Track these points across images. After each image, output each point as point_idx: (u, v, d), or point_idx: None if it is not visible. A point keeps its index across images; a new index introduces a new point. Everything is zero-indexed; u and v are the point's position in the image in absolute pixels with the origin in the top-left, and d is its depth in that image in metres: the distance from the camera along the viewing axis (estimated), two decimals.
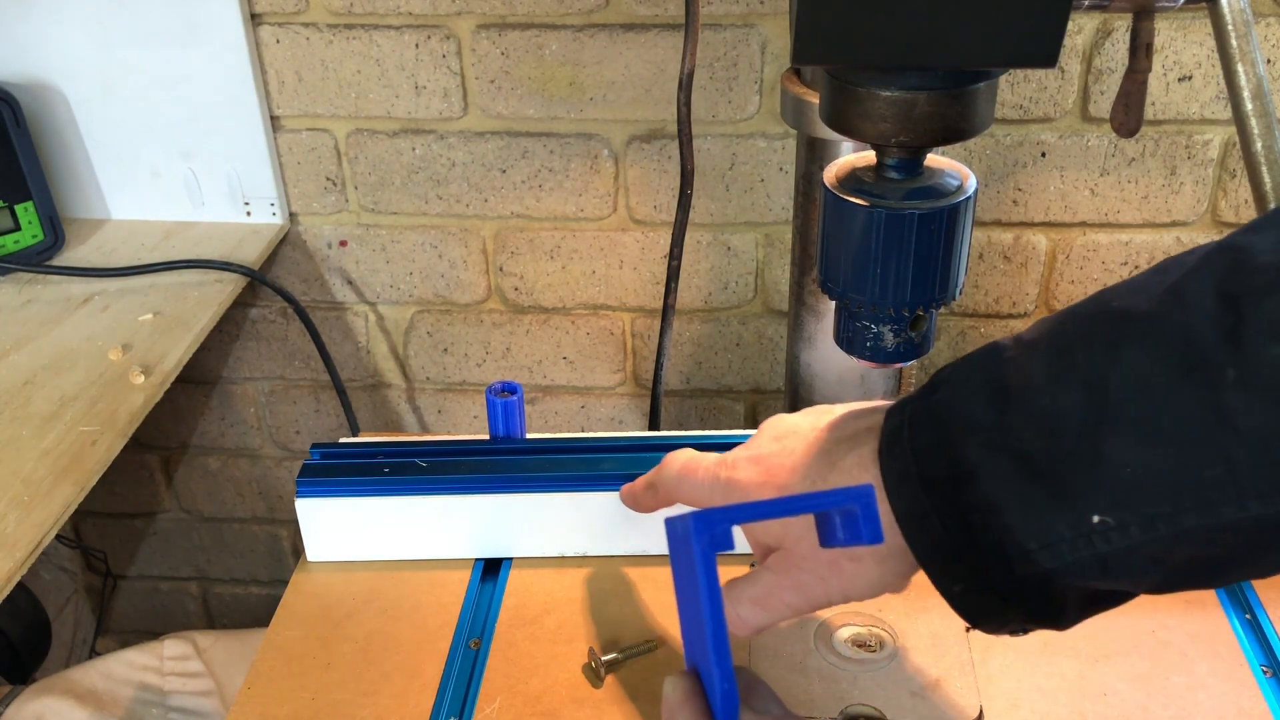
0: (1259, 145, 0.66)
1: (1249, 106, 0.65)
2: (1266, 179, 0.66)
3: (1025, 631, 0.47)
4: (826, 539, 0.44)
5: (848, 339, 0.64)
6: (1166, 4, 0.63)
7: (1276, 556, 0.41)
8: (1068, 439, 0.41)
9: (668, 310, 1.01)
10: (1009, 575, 0.43)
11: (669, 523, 0.44)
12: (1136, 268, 1.14)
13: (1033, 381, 0.42)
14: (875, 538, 0.41)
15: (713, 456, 0.58)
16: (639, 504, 0.67)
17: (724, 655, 0.41)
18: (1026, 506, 0.42)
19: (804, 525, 0.50)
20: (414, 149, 1.14)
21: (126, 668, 1.10)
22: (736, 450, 0.57)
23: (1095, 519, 0.40)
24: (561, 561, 0.76)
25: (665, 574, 0.74)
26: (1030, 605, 0.44)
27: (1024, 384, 0.42)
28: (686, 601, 0.44)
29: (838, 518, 0.43)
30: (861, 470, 0.48)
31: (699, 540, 0.40)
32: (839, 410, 0.54)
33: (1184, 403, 0.39)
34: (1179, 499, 0.39)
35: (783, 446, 0.54)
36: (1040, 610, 0.45)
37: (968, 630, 0.68)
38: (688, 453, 0.60)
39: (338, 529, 0.75)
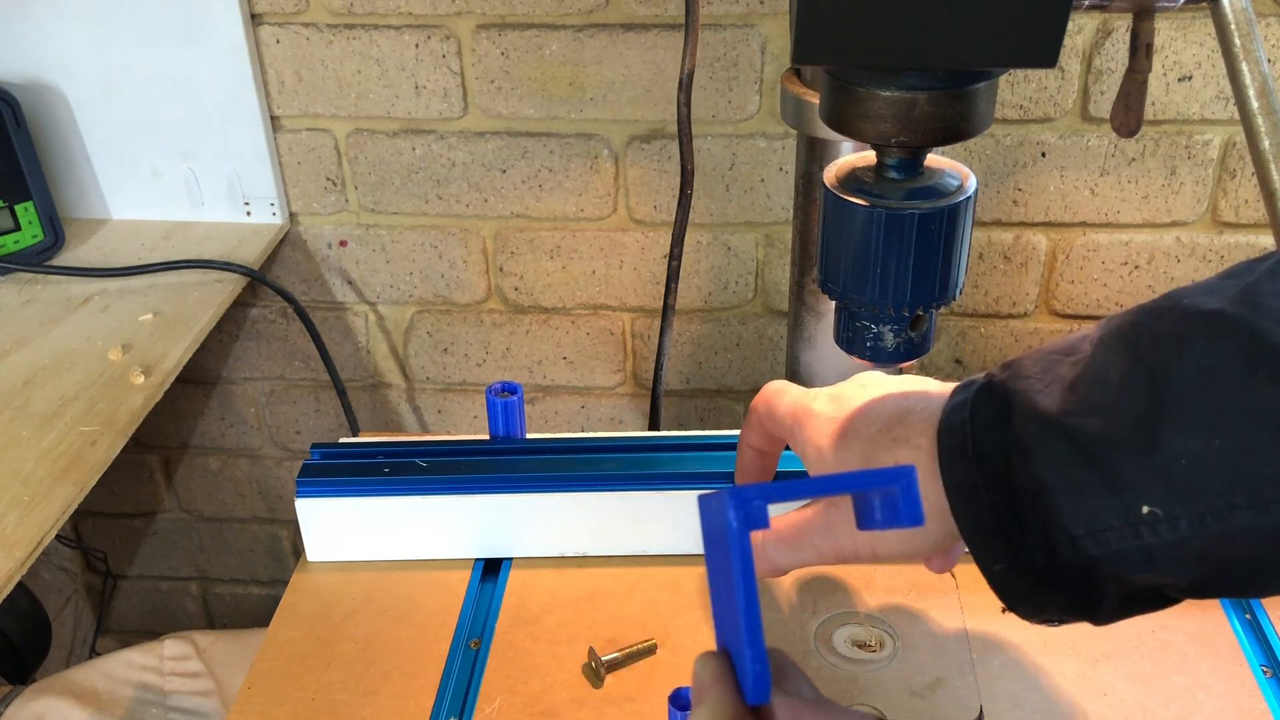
0: (1266, 143, 0.65)
1: (1255, 104, 0.65)
2: (1275, 176, 0.66)
3: (1059, 622, 0.46)
4: (864, 520, 0.44)
5: (848, 339, 0.64)
6: (1166, 4, 0.63)
7: None
8: (1126, 427, 0.41)
9: (668, 310, 1.01)
10: (1052, 559, 0.43)
11: (702, 500, 0.43)
12: (1137, 268, 1.14)
13: (1097, 371, 0.42)
14: (915, 520, 0.41)
15: (796, 390, 0.59)
16: (747, 466, 0.64)
17: (756, 636, 0.40)
18: (1077, 491, 0.42)
19: (852, 467, 0.50)
20: (414, 149, 1.14)
21: (126, 668, 1.11)
22: (825, 388, 0.58)
23: (1145, 509, 0.40)
24: (561, 561, 0.76)
25: (665, 574, 0.74)
26: (1069, 593, 0.44)
27: (1088, 373, 0.43)
28: (718, 580, 0.43)
29: (876, 499, 0.43)
30: (921, 435, 0.48)
31: (735, 518, 0.39)
32: (924, 380, 0.55)
33: (1245, 399, 0.39)
34: (1233, 495, 0.39)
35: (864, 391, 0.54)
36: (1078, 600, 0.45)
37: (968, 630, 0.68)
38: (776, 383, 0.61)
39: (338, 529, 0.75)
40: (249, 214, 1.17)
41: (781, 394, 0.59)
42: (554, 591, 0.73)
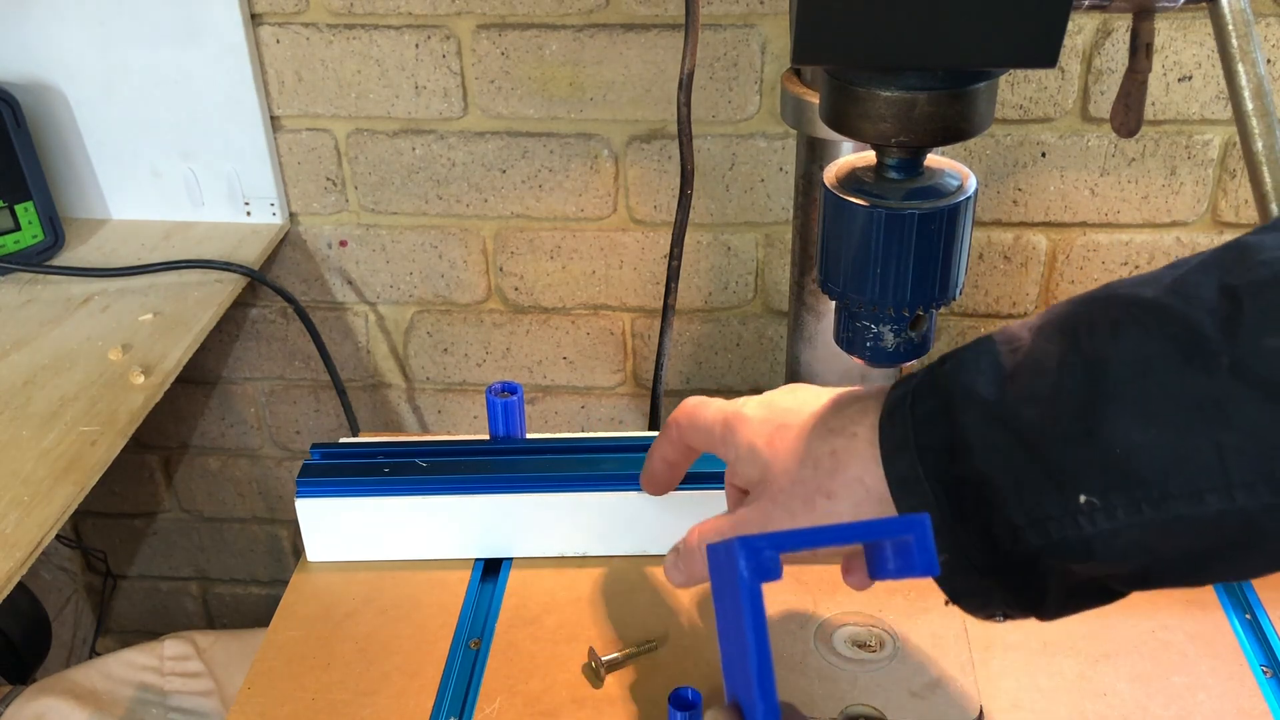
0: (1259, 145, 0.66)
1: (1249, 106, 0.65)
2: (1267, 178, 0.66)
3: (1005, 618, 0.47)
4: (877, 569, 0.43)
5: (848, 339, 0.64)
6: (1166, 4, 0.63)
7: (1260, 556, 0.41)
8: (1065, 416, 0.41)
9: (668, 310, 1.01)
10: (994, 551, 0.43)
11: (711, 549, 0.42)
12: (1137, 268, 1.13)
13: (1036, 360, 0.42)
14: (930, 570, 0.40)
15: (720, 401, 0.59)
16: (654, 475, 0.66)
17: (769, 690, 0.39)
18: (1017, 483, 0.42)
19: (787, 458, 0.51)
20: (414, 149, 1.14)
21: (126, 668, 1.11)
22: (753, 396, 0.58)
23: (1083, 499, 0.40)
24: (561, 561, 0.76)
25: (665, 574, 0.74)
26: (1012, 586, 0.45)
27: (1027, 363, 0.43)
28: (728, 629, 0.42)
29: (889, 547, 0.42)
30: (858, 424, 0.49)
31: (745, 567, 0.39)
32: (854, 388, 0.55)
33: (1179, 388, 0.39)
34: (1166, 484, 0.39)
35: (795, 398, 0.55)
36: (1022, 594, 0.45)
37: (967, 630, 0.68)
38: (696, 397, 0.61)
39: (338, 529, 0.75)
40: (249, 214, 1.17)
41: (705, 405, 0.60)
42: (554, 591, 0.73)
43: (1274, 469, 0.38)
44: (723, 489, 0.63)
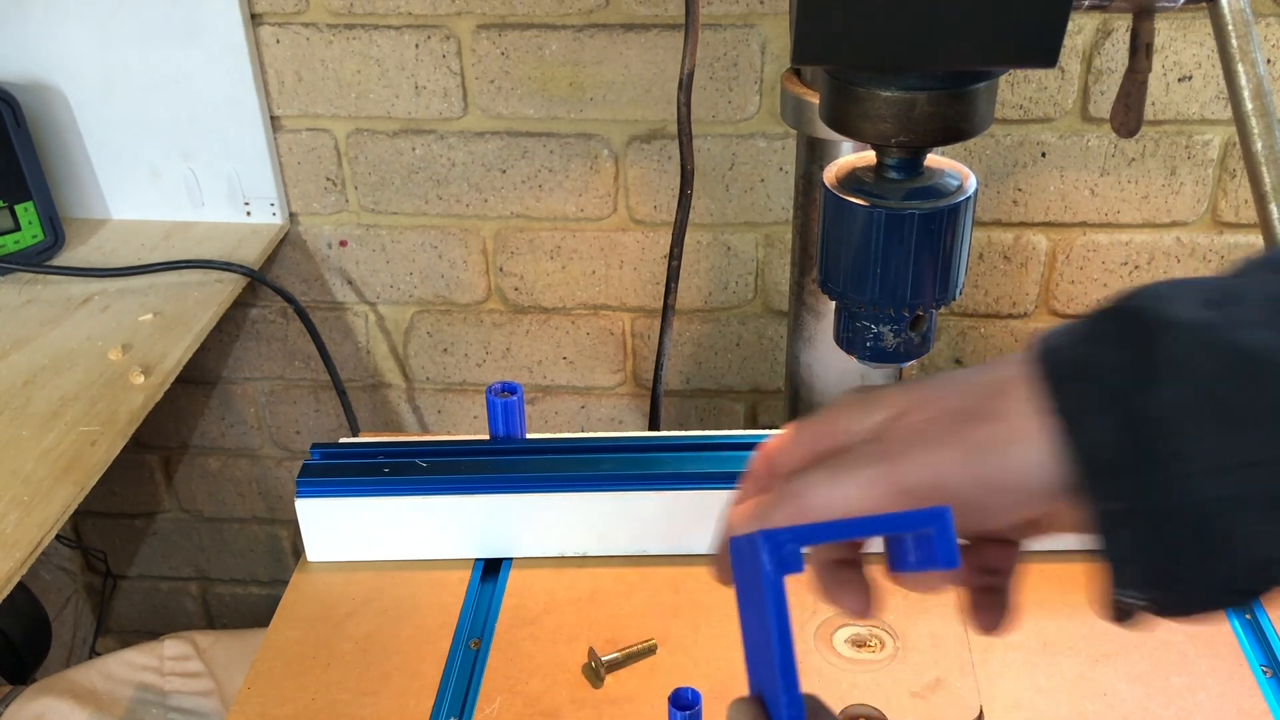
0: (1259, 145, 0.66)
1: (1249, 106, 0.65)
2: (1266, 178, 0.66)
3: (1137, 610, 0.39)
4: (897, 562, 0.41)
5: (848, 339, 0.64)
6: (1166, 4, 0.63)
7: None
8: (1272, 366, 0.35)
9: (668, 310, 1.01)
10: (1169, 497, 0.36)
11: (734, 542, 0.41)
12: (1137, 268, 1.14)
13: (1244, 288, 0.37)
14: (950, 562, 0.38)
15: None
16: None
17: (792, 684, 0.38)
18: (1206, 423, 0.35)
19: (922, 398, 0.42)
20: (414, 149, 1.14)
21: (126, 668, 1.11)
22: None
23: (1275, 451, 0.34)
24: (561, 561, 0.76)
25: (665, 574, 0.74)
26: (1174, 547, 0.37)
27: (1243, 292, 0.37)
28: (751, 624, 0.41)
29: (910, 540, 0.40)
30: (1014, 366, 0.40)
31: (769, 561, 0.37)
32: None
33: None
34: None
35: (932, 378, 0.44)
36: (1186, 562, 0.37)
37: (967, 630, 0.68)
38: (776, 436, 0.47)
39: (338, 529, 0.75)
40: (249, 214, 1.17)
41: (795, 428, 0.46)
42: (554, 591, 0.73)
43: None
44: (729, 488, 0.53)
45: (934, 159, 0.61)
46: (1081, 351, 0.38)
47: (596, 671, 0.66)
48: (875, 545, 0.44)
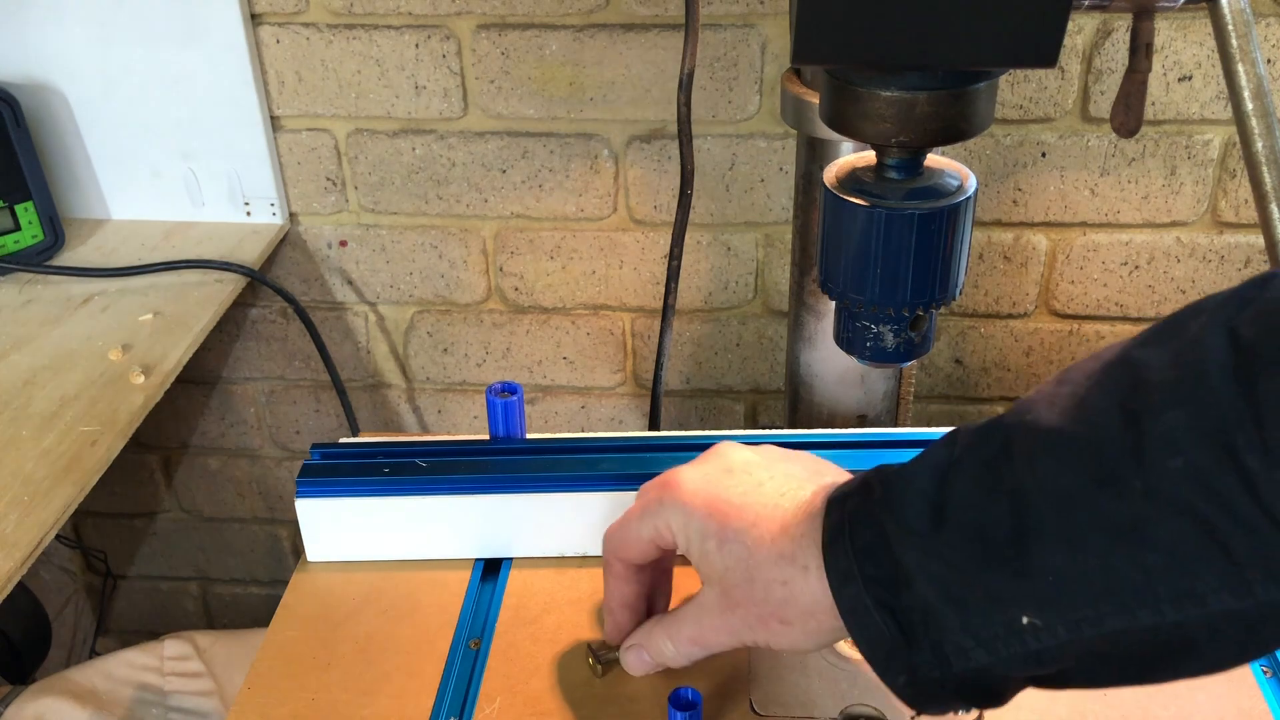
0: (1259, 145, 0.66)
1: (1249, 106, 0.65)
2: (1267, 178, 0.66)
3: (969, 710, 0.49)
4: None
5: (848, 339, 0.64)
6: (1166, 4, 0.63)
7: (1199, 659, 0.43)
8: (996, 548, 0.43)
9: (668, 310, 1.01)
10: (948, 670, 0.45)
11: None
12: (1137, 268, 1.14)
13: (962, 494, 0.45)
14: None
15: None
16: (619, 623, 0.62)
17: None
18: (961, 609, 0.44)
19: (743, 570, 0.52)
20: (414, 149, 1.14)
21: (126, 668, 1.11)
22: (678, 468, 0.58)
23: (1025, 620, 0.43)
24: (561, 561, 0.75)
25: None
26: (970, 694, 0.47)
27: (955, 497, 0.45)
28: None
29: None
30: (810, 558, 0.49)
31: None
32: (788, 466, 0.55)
33: (1100, 514, 0.41)
34: (1100, 604, 0.41)
35: (735, 480, 0.55)
36: (980, 698, 0.47)
37: None
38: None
39: (338, 529, 0.75)
40: (249, 214, 1.17)
41: (623, 518, 0.59)
42: (554, 591, 0.73)
43: (1194, 585, 0.40)
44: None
45: (934, 159, 0.61)
46: (849, 560, 0.47)
47: (597, 662, 0.66)
48: None
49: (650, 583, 0.61)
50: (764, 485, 0.54)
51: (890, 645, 0.46)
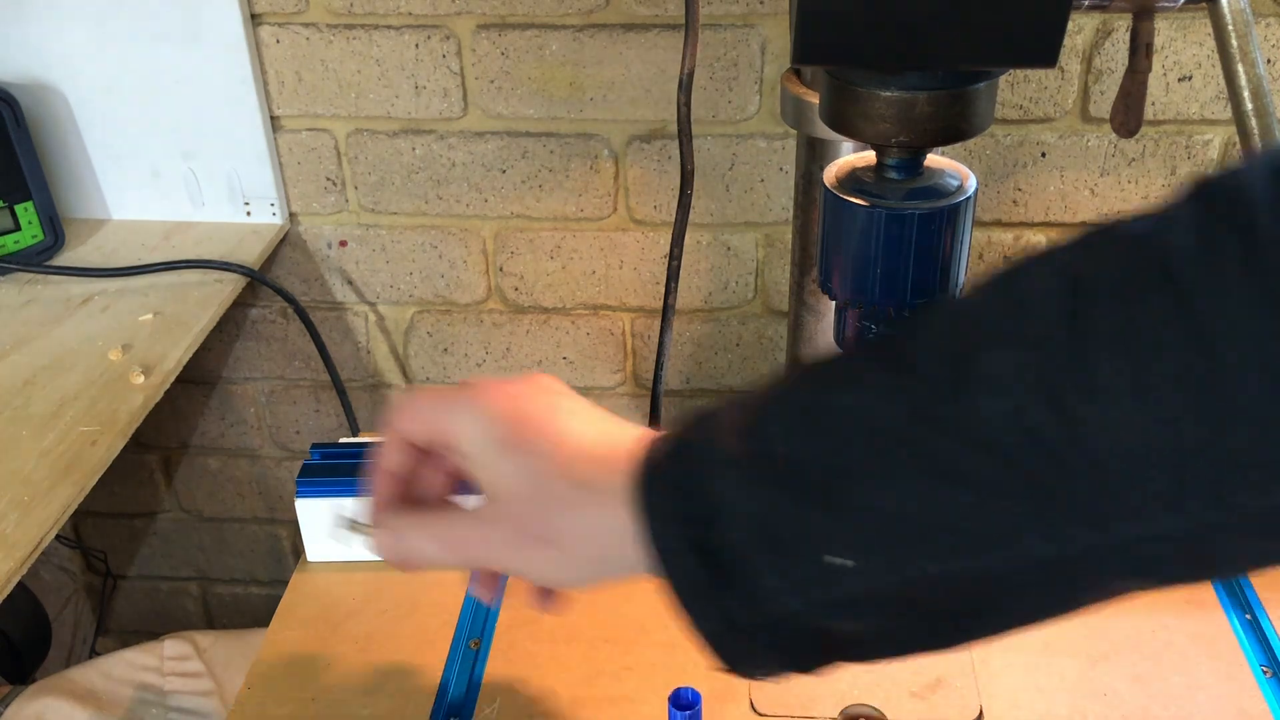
0: (1259, 145, 0.66)
1: (1249, 106, 0.65)
2: None
3: (777, 676, 0.46)
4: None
5: (848, 339, 0.64)
6: (1166, 4, 0.63)
7: (1013, 610, 0.42)
8: (812, 486, 0.41)
9: (668, 310, 1.01)
10: (759, 614, 0.43)
11: None
12: None
13: (782, 430, 0.42)
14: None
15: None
16: (378, 494, 0.56)
17: None
18: (774, 547, 0.42)
19: (527, 483, 0.49)
20: (414, 149, 1.14)
21: (126, 668, 1.11)
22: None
23: (838, 561, 0.41)
24: None
25: None
26: (782, 647, 0.44)
27: (774, 432, 0.43)
28: None
29: None
30: (610, 487, 0.47)
31: None
32: (618, 421, 0.52)
33: (918, 453, 0.39)
34: (914, 545, 0.40)
35: (551, 402, 0.52)
36: (792, 654, 0.45)
37: None
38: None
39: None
40: (249, 214, 1.17)
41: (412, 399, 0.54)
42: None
43: (1009, 529, 0.38)
44: None
45: (934, 159, 0.61)
46: (659, 492, 0.44)
47: (341, 534, 0.59)
48: None
49: (424, 475, 0.56)
50: (580, 415, 0.51)
51: (701, 587, 0.44)
